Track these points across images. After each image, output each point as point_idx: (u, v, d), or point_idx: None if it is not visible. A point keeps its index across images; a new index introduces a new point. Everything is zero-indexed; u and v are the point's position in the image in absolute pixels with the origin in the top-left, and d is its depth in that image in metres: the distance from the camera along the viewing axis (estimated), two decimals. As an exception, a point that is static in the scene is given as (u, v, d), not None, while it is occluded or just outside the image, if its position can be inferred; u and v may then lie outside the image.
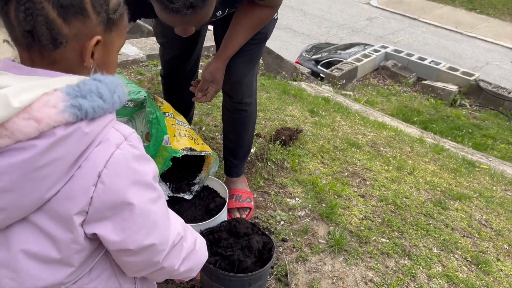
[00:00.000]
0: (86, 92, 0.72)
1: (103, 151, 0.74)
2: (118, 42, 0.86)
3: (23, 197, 0.70)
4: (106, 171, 0.74)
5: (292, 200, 2.31)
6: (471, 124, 5.52)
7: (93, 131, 0.72)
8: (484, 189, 2.94)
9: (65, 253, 0.78)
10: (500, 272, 2.12)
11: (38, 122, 0.67)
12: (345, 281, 1.87)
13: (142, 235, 0.81)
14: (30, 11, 0.70)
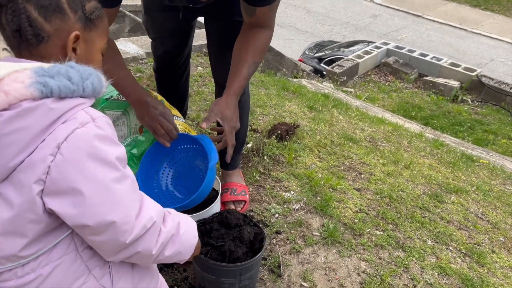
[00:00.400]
0: (54, 73, 0.79)
1: (67, 127, 0.79)
2: (99, 41, 0.96)
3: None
4: (65, 143, 0.78)
5: (287, 193, 2.33)
6: (472, 120, 5.50)
7: (59, 108, 0.78)
8: (482, 183, 2.93)
9: (18, 221, 0.80)
10: (495, 264, 2.12)
11: (6, 95, 0.75)
12: (337, 272, 1.88)
13: (100, 211, 0.81)
14: (15, 12, 0.82)
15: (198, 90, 3.40)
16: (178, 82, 2.30)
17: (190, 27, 2.09)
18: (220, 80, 2.09)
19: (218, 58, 2.03)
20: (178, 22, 1.93)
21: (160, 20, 1.97)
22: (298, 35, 11.57)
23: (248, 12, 1.57)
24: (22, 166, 0.77)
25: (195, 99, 3.26)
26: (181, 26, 2.01)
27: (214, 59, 2.07)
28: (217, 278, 1.59)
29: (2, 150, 0.76)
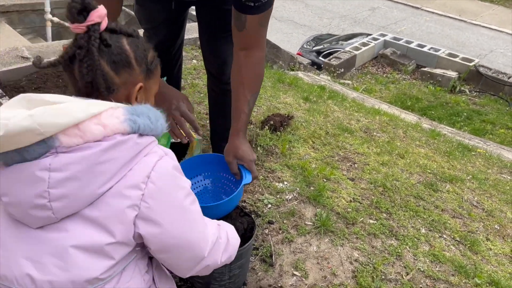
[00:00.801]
0: (140, 112, 0.92)
1: (150, 159, 0.92)
2: (155, 87, 1.10)
3: (83, 188, 0.84)
4: (154, 173, 0.90)
5: (280, 184, 2.32)
6: (470, 110, 5.47)
7: (142, 143, 0.91)
8: (478, 172, 2.92)
9: (111, 245, 0.88)
10: (489, 251, 2.11)
11: (104, 127, 0.86)
12: (330, 261, 1.88)
13: (184, 232, 0.96)
14: (90, 67, 0.92)
15: (192, 83, 3.39)
16: (171, 72, 2.29)
17: (183, 17, 2.08)
18: (212, 70, 2.08)
19: (210, 47, 2.01)
20: (170, 12, 1.92)
21: (152, 10, 1.96)
22: (297, 29, 11.52)
23: (239, 24, 1.54)
24: (111, 192, 0.87)
25: (189, 91, 3.25)
26: (173, 16, 2.00)
27: (205, 48, 2.06)
28: (207, 268, 1.58)
29: (96, 177, 0.85)
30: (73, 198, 0.85)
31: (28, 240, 0.88)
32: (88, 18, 0.93)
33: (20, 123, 0.79)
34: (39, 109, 0.82)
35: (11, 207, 0.87)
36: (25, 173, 0.83)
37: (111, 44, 0.96)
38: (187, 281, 1.72)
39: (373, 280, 1.79)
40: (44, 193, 0.83)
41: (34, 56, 0.98)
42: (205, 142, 2.53)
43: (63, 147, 0.83)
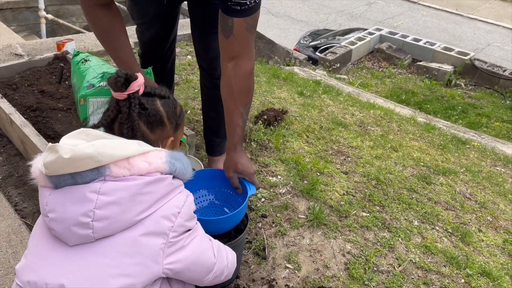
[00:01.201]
0: (177, 158, 1.08)
1: (182, 197, 1.08)
2: (180, 135, 1.28)
3: (122, 212, 0.96)
4: (184, 209, 1.06)
5: (274, 178, 2.33)
6: (465, 103, 5.47)
7: (174, 183, 1.06)
8: (471, 164, 2.93)
9: (138, 266, 0.99)
10: (481, 243, 2.12)
11: (149, 164, 1.01)
12: (322, 254, 1.89)
13: (206, 252, 1.15)
14: (130, 128, 1.09)
15: (186, 79, 3.39)
16: (164, 67, 2.29)
17: (175, 13, 2.08)
18: (204, 65, 2.08)
19: (201, 43, 2.02)
20: (163, 7, 1.92)
21: (145, 5, 1.96)
22: (293, 24, 11.50)
23: (226, 30, 1.54)
24: (145, 220, 0.99)
25: (183, 87, 3.25)
26: (165, 12, 2.00)
27: (197, 44, 2.06)
28: (200, 261, 1.59)
29: (135, 205, 0.97)
30: (113, 220, 0.95)
31: (65, 255, 0.97)
32: (129, 88, 1.08)
33: (84, 150, 0.93)
34: (100, 141, 0.97)
35: (55, 223, 0.96)
36: (75, 193, 0.95)
37: (148, 107, 1.13)
38: (180, 275, 1.73)
39: (365, 272, 1.81)
40: (90, 213, 0.94)
41: (28, 53, 1.15)
42: (198, 137, 2.53)
43: (111, 176, 0.96)
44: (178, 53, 4.02)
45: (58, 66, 2.63)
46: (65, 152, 0.91)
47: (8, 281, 1.61)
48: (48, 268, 0.97)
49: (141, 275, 0.98)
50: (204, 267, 1.14)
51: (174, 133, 1.21)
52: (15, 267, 1.01)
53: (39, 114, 2.27)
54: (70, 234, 0.95)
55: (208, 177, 1.73)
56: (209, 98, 2.17)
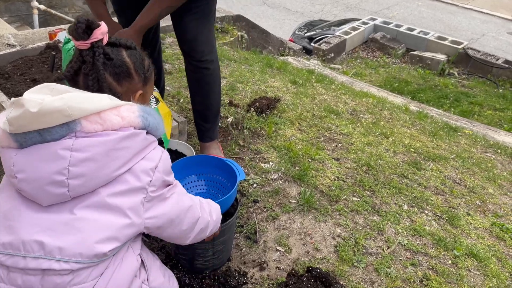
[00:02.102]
0: (149, 112, 1.04)
1: (157, 151, 1.05)
2: (150, 90, 1.22)
3: (99, 169, 0.92)
4: (160, 163, 1.03)
5: (266, 164, 2.35)
6: (458, 92, 5.50)
7: (149, 139, 1.03)
8: (462, 151, 2.97)
9: (125, 227, 0.97)
10: (469, 226, 2.16)
11: (122, 119, 0.96)
12: (313, 237, 1.92)
13: (185, 200, 1.13)
14: (96, 79, 1.03)
15: (179, 68, 3.40)
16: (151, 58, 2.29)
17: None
18: (185, 48, 2.02)
19: (178, 26, 1.97)
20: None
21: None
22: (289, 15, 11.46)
23: None
24: (123, 176, 0.96)
25: (176, 76, 3.26)
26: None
27: (176, 29, 2.02)
28: (191, 244, 1.62)
29: (111, 161, 0.93)
30: (89, 177, 0.91)
31: (39, 213, 0.92)
32: (92, 36, 1.02)
33: (53, 103, 0.86)
34: (68, 94, 0.90)
35: (25, 183, 0.90)
36: (45, 151, 0.89)
37: (113, 58, 1.07)
38: (172, 259, 1.76)
39: (354, 254, 1.84)
40: (64, 170, 0.89)
41: (20, 43, 1.12)
42: (191, 125, 2.55)
43: (82, 132, 0.91)
44: (171, 43, 4.02)
45: (50, 55, 2.63)
46: (31, 105, 0.84)
47: None
48: (23, 228, 0.91)
49: (122, 229, 0.96)
50: (185, 223, 1.12)
51: (143, 87, 1.16)
52: None
53: (31, 102, 2.28)
54: (44, 194, 0.90)
55: (198, 163, 1.75)
56: (193, 80, 2.14)
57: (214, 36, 2.04)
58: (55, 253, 0.90)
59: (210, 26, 1.95)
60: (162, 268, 1.23)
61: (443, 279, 1.78)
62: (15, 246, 0.91)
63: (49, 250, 0.89)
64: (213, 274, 1.69)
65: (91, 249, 0.92)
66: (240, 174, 1.64)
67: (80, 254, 0.91)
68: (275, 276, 1.71)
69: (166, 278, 1.22)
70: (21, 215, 0.93)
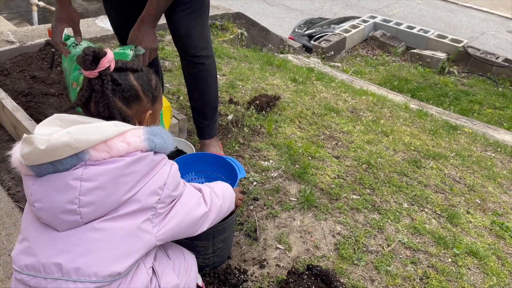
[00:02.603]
0: (156, 133, 1.06)
1: (166, 169, 1.09)
2: (159, 107, 1.25)
3: (108, 196, 0.97)
4: (169, 180, 1.08)
5: (266, 162, 2.35)
6: (458, 90, 5.50)
7: (156, 159, 1.06)
8: (462, 149, 2.97)
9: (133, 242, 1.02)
10: (469, 224, 2.16)
11: (128, 145, 1.00)
12: (313, 235, 1.92)
13: (192, 206, 1.17)
14: (106, 106, 1.06)
15: (179, 65, 3.38)
16: None
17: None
18: (179, 43, 2.00)
19: (172, 23, 1.94)
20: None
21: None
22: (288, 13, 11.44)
23: None
24: (132, 198, 1.00)
25: (175, 74, 3.25)
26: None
27: (169, 23, 2.00)
28: (191, 242, 1.62)
29: (120, 187, 0.98)
30: (99, 204, 0.97)
31: (56, 237, 0.99)
32: (99, 65, 1.06)
33: (60, 138, 0.92)
34: (75, 127, 0.95)
35: (42, 212, 0.97)
36: (58, 182, 0.95)
37: (122, 83, 1.10)
38: (172, 256, 1.76)
39: (354, 252, 1.84)
40: (75, 200, 0.95)
41: (19, 40, 1.15)
42: (190, 123, 2.54)
43: (91, 160, 0.96)
44: (171, 40, 4.01)
45: (49, 52, 2.62)
46: (40, 143, 0.91)
47: (3, 262, 1.63)
48: (43, 251, 0.98)
49: (134, 247, 1.01)
50: (194, 223, 1.18)
51: (152, 106, 1.19)
52: (11, 253, 1.06)
53: (30, 99, 2.27)
54: (59, 221, 0.97)
55: (198, 160, 1.74)
56: (189, 76, 2.13)
57: (208, 32, 2.03)
58: (72, 274, 0.97)
59: (203, 21, 1.94)
60: (177, 266, 1.27)
61: (443, 277, 1.78)
62: (37, 268, 0.98)
63: (66, 271, 0.96)
64: (213, 272, 1.69)
65: (105, 269, 0.98)
66: (240, 171, 1.64)
67: (95, 274, 0.97)
68: (275, 274, 1.70)
69: (182, 273, 1.28)
70: (41, 238, 1.00)
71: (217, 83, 2.17)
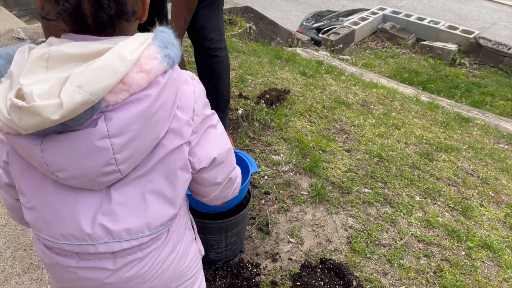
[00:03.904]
0: (167, 43, 0.82)
1: (189, 90, 0.88)
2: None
3: (143, 142, 0.82)
4: (196, 105, 0.88)
5: (276, 156, 2.35)
6: (470, 82, 5.42)
7: (178, 76, 0.85)
8: (474, 141, 2.93)
9: (177, 190, 0.91)
10: (483, 217, 2.14)
11: (147, 74, 0.78)
12: (325, 228, 1.92)
13: (224, 141, 0.98)
14: (115, 1, 0.78)
15: (188, 60, 3.39)
16: None
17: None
18: (193, 36, 2.01)
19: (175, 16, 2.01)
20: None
21: None
22: (296, 6, 11.37)
23: None
24: (167, 135, 0.85)
25: (187, 68, 3.25)
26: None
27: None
28: (204, 236, 1.63)
29: (153, 127, 0.82)
30: (137, 154, 0.83)
31: (93, 199, 0.86)
32: None
33: (73, 100, 0.72)
34: (81, 75, 0.73)
35: (73, 180, 0.83)
36: (80, 145, 0.78)
37: None
38: (185, 250, 1.77)
39: (367, 245, 1.84)
40: (111, 160, 0.81)
41: (30, 37, 0.94)
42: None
43: (108, 105, 0.77)
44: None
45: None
46: (51, 113, 0.71)
47: (18, 256, 1.66)
48: (80, 218, 0.85)
49: (176, 185, 0.91)
50: (226, 164, 1.01)
51: None
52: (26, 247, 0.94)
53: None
54: (97, 184, 0.84)
55: None
56: (203, 69, 2.14)
57: (222, 24, 2.04)
58: (124, 235, 0.87)
59: (219, 14, 1.96)
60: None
61: (456, 271, 1.77)
62: (80, 237, 0.86)
63: (117, 234, 0.86)
64: (226, 266, 1.69)
65: (156, 219, 0.89)
66: (252, 166, 1.64)
67: (148, 227, 0.89)
68: (288, 268, 1.71)
69: None
70: (72, 204, 0.85)
71: (230, 76, 2.18)
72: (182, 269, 1.03)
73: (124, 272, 0.91)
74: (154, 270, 0.95)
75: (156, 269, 0.95)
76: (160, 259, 0.95)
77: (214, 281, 1.63)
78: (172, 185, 0.89)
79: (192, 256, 1.07)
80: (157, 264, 0.95)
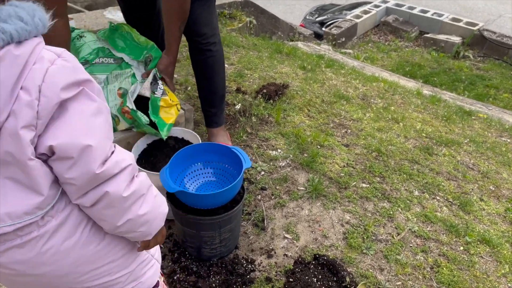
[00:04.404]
0: (6, 16, 0.73)
1: (39, 68, 0.76)
2: None
3: None
4: (44, 84, 0.76)
5: (274, 151, 2.33)
6: (473, 75, 5.35)
7: (23, 53, 0.74)
8: (476, 135, 2.89)
9: (33, 177, 0.81)
10: (482, 211, 2.11)
11: None
12: (321, 224, 1.90)
13: (80, 135, 0.81)
14: None
15: (187, 55, 3.36)
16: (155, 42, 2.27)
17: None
18: (188, 30, 2.00)
19: None
20: None
21: None
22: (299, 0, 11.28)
23: None
24: (9, 118, 0.75)
25: (183, 64, 3.23)
26: None
27: None
28: (197, 232, 1.62)
29: None
30: None
31: None
32: None
33: None
34: None
35: None
36: None
37: None
38: (180, 247, 1.76)
39: (363, 241, 1.82)
40: None
41: None
42: (198, 113, 2.53)
43: None
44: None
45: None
46: None
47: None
48: None
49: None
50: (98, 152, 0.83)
51: None
52: None
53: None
54: None
55: (204, 150, 1.73)
56: (197, 63, 2.12)
57: (216, 19, 2.03)
58: None
59: (211, 8, 1.94)
60: None
61: (454, 266, 1.75)
62: None
63: None
64: (221, 262, 1.68)
65: (16, 207, 0.82)
66: (246, 161, 1.62)
67: (9, 215, 0.81)
68: (282, 264, 1.70)
69: None
70: None
71: (225, 71, 2.17)
72: (93, 254, 0.95)
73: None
74: (47, 255, 0.89)
75: (49, 254, 0.89)
76: (50, 245, 0.88)
77: (208, 278, 1.62)
78: (23, 171, 0.79)
79: (106, 243, 0.97)
80: (49, 250, 0.88)
